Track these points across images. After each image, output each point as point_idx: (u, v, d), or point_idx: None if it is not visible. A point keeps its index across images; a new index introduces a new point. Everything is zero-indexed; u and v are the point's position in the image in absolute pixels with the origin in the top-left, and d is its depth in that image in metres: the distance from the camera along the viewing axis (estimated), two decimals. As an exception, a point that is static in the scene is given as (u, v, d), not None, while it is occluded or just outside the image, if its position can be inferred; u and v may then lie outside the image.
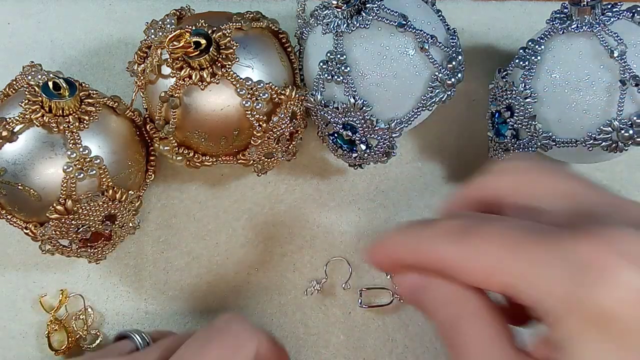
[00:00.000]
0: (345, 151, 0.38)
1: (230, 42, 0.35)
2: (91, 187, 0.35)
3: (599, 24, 0.34)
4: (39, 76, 0.36)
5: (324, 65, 0.35)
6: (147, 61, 0.37)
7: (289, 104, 0.36)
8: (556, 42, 0.35)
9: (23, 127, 0.34)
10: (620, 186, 0.42)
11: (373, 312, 0.40)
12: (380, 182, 0.43)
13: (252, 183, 0.43)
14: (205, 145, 0.37)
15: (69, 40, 0.45)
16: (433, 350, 0.39)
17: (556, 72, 0.35)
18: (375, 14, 0.34)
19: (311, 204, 0.42)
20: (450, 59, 0.35)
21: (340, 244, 0.42)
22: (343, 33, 0.35)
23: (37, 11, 0.46)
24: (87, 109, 0.35)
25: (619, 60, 0.33)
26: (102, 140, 0.35)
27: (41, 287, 0.41)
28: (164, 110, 0.36)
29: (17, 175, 0.34)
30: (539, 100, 0.35)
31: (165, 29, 0.37)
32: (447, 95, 0.36)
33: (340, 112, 0.36)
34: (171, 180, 0.43)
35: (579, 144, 0.35)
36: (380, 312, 0.40)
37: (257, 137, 0.36)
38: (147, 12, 0.45)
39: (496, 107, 0.38)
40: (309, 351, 0.40)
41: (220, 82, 0.35)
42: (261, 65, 0.36)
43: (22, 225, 0.36)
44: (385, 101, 0.35)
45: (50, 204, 0.34)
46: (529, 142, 0.36)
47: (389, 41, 0.34)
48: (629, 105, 0.33)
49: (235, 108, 0.35)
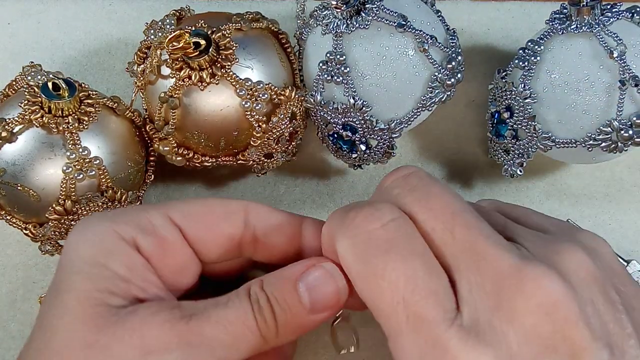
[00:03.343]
0: (345, 152, 0.38)
1: (230, 42, 0.35)
2: (91, 188, 0.35)
3: (599, 24, 0.34)
4: (38, 77, 0.36)
5: (323, 65, 0.35)
6: (146, 62, 0.37)
7: (289, 105, 0.36)
8: (556, 43, 0.35)
9: (22, 128, 0.34)
10: (620, 186, 0.42)
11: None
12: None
13: (251, 184, 0.43)
14: (204, 145, 0.37)
15: (69, 41, 0.45)
16: (433, 350, 0.39)
17: (556, 73, 0.35)
18: (375, 14, 0.34)
19: (311, 205, 0.42)
20: (449, 60, 0.35)
21: (340, 244, 0.41)
22: (342, 34, 0.35)
23: (37, 11, 0.46)
24: (87, 110, 0.35)
25: (618, 61, 0.33)
26: (101, 140, 0.35)
27: (41, 287, 0.41)
28: (164, 111, 0.36)
29: (16, 175, 0.34)
30: (538, 101, 0.35)
31: (165, 29, 0.37)
32: (446, 96, 0.36)
33: (340, 113, 0.36)
34: (171, 180, 0.43)
35: (578, 144, 0.35)
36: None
37: (257, 138, 0.36)
38: (147, 12, 0.45)
39: (496, 107, 0.38)
40: (308, 352, 0.40)
41: (220, 83, 0.35)
42: (261, 65, 0.36)
43: (22, 225, 0.36)
44: (385, 102, 0.35)
45: (50, 204, 0.34)
46: (528, 143, 0.36)
47: (388, 42, 0.34)
48: (628, 105, 0.33)
49: (234, 109, 0.35)
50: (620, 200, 0.42)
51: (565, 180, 0.42)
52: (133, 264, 0.24)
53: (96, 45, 0.45)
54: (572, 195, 0.42)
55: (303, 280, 0.26)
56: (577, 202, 0.42)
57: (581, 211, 0.41)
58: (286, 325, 0.26)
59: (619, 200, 0.42)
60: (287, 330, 0.26)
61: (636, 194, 0.42)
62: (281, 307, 0.26)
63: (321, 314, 0.26)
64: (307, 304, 0.26)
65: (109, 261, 0.24)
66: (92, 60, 0.45)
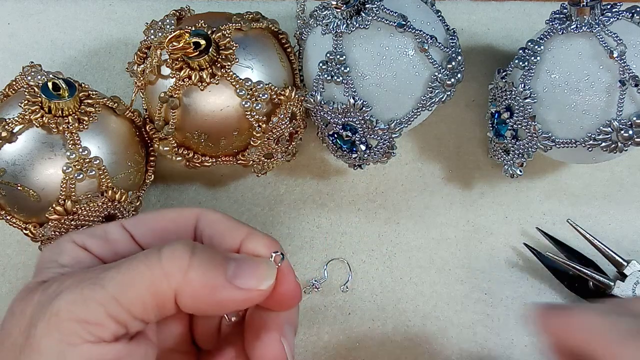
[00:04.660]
0: (345, 152, 0.38)
1: (230, 42, 0.35)
2: (90, 188, 0.35)
3: (599, 24, 0.34)
4: (38, 77, 0.36)
5: (323, 65, 0.35)
6: (146, 62, 0.37)
7: (289, 105, 0.36)
8: (556, 43, 0.35)
9: (22, 128, 0.34)
10: (620, 186, 0.42)
11: (373, 313, 0.40)
12: (380, 183, 0.43)
13: (251, 184, 0.43)
14: (204, 145, 0.37)
15: (69, 41, 0.45)
16: (432, 350, 0.39)
17: (556, 73, 0.35)
18: (375, 14, 0.34)
19: (311, 205, 0.42)
20: (449, 60, 0.35)
21: (340, 244, 0.42)
22: (342, 33, 0.35)
23: (37, 11, 0.46)
24: (87, 110, 0.35)
25: (618, 61, 0.33)
26: (101, 140, 0.35)
27: (41, 288, 0.41)
28: (164, 111, 0.36)
29: (16, 175, 0.34)
30: (538, 101, 0.35)
31: (164, 29, 0.37)
32: (446, 96, 0.36)
33: (340, 113, 0.36)
34: (170, 180, 0.43)
35: (578, 144, 0.35)
36: (380, 313, 0.40)
37: (257, 138, 0.36)
38: (147, 12, 0.45)
39: (496, 107, 0.38)
40: (308, 352, 0.40)
41: (220, 83, 0.35)
42: (261, 65, 0.36)
43: (22, 225, 0.36)
44: (385, 101, 0.35)
45: (50, 204, 0.34)
46: (528, 143, 0.36)
47: (388, 41, 0.34)
48: (628, 105, 0.33)
49: (234, 109, 0.35)
50: (620, 200, 0.42)
51: (565, 180, 0.42)
52: (78, 258, 0.27)
53: (96, 45, 0.45)
54: (572, 195, 0.42)
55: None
56: (577, 202, 0.42)
57: (581, 211, 0.41)
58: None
59: (619, 200, 0.42)
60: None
61: (636, 194, 0.42)
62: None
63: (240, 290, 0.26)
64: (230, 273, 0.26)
65: (59, 257, 0.27)
66: (92, 60, 0.45)
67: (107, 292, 0.24)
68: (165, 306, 0.25)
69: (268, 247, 0.28)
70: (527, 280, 0.40)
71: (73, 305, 0.24)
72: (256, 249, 0.28)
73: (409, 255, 0.41)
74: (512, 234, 0.41)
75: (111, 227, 0.29)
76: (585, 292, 0.39)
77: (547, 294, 0.40)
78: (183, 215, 0.29)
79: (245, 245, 0.28)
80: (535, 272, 0.40)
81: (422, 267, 0.41)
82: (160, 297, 0.25)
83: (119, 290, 0.24)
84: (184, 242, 0.26)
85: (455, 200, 0.42)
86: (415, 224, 0.42)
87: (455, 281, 0.41)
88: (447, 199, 0.42)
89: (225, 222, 0.29)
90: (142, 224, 0.29)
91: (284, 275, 0.27)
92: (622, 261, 0.39)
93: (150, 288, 0.25)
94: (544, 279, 0.40)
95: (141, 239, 0.29)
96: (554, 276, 0.40)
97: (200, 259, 0.25)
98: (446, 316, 0.40)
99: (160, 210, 0.30)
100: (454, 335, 0.40)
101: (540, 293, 0.40)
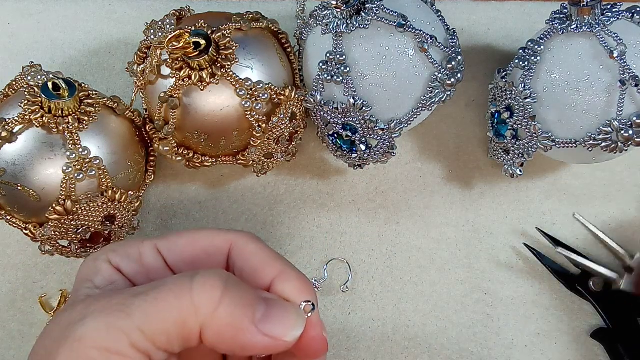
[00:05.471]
0: (345, 152, 0.38)
1: (230, 42, 0.35)
2: (91, 188, 0.35)
3: (599, 24, 0.34)
4: (38, 77, 0.36)
5: (323, 65, 0.35)
6: (146, 62, 0.37)
7: (289, 105, 0.36)
8: (556, 43, 0.35)
9: (22, 128, 0.34)
10: (621, 186, 0.42)
11: (373, 313, 0.40)
12: (380, 183, 0.43)
13: (251, 184, 0.43)
14: (204, 145, 0.37)
15: (69, 41, 0.45)
16: (432, 350, 0.39)
17: (556, 73, 0.35)
18: (375, 14, 0.34)
19: (311, 205, 0.42)
20: (449, 59, 0.35)
21: (340, 244, 0.42)
22: (342, 33, 0.35)
23: (37, 11, 0.46)
24: (87, 110, 0.35)
25: (618, 61, 0.33)
26: (101, 140, 0.35)
27: (41, 287, 0.41)
28: (164, 111, 0.36)
29: (16, 175, 0.34)
30: (538, 101, 0.35)
31: (164, 29, 0.37)
32: (446, 96, 0.36)
33: (340, 113, 0.36)
34: (171, 180, 0.43)
35: (578, 144, 0.35)
36: (380, 313, 0.40)
37: (257, 138, 0.36)
38: (147, 12, 0.45)
39: (496, 107, 0.38)
40: None
41: (220, 83, 0.35)
42: (261, 65, 0.36)
43: (22, 225, 0.36)
44: (385, 101, 0.35)
45: (50, 204, 0.34)
46: (528, 143, 0.36)
47: (388, 41, 0.34)
48: (628, 105, 0.33)
49: (234, 108, 0.35)
50: (620, 200, 0.42)
51: (565, 180, 0.42)
52: (111, 280, 0.27)
53: (96, 45, 0.45)
54: (572, 195, 0.42)
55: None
56: (577, 202, 0.42)
57: (581, 211, 0.41)
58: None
59: (619, 200, 0.42)
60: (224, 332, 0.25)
61: (636, 194, 0.42)
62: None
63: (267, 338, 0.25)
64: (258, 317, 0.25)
65: (95, 278, 0.27)
66: (92, 60, 0.45)
67: (133, 322, 0.24)
68: (190, 338, 0.25)
69: (300, 292, 0.27)
70: (527, 280, 0.40)
71: (97, 332, 0.23)
72: (287, 292, 0.27)
73: (409, 255, 0.41)
74: (512, 234, 0.41)
75: (146, 250, 0.28)
76: (585, 292, 0.39)
77: (547, 294, 0.40)
78: (217, 241, 0.28)
79: (276, 285, 0.27)
80: (535, 272, 0.40)
81: (422, 267, 0.41)
82: (187, 330, 0.24)
83: (145, 321, 0.24)
84: (217, 274, 0.25)
85: (455, 200, 0.42)
86: (415, 224, 0.42)
87: (455, 281, 0.41)
88: (447, 199, 0.42)
89: (260, 255, 0.28)
90: (176, 249, 0.28)
91: (312, 326, 0.27)
92: (627, 254, 0.39)
93: (178, 320, 0.24)
94: (544, 279, 0.40)
95: (174, 264, 0.28)
96: (554, 276, 0.40)
97: (231, 295, 0.25)
98: (446, 316, 0.40)
99: (194, 233, 0.29)
100: (454, 335, 0.40)
101: (540, 293, 0.40)
